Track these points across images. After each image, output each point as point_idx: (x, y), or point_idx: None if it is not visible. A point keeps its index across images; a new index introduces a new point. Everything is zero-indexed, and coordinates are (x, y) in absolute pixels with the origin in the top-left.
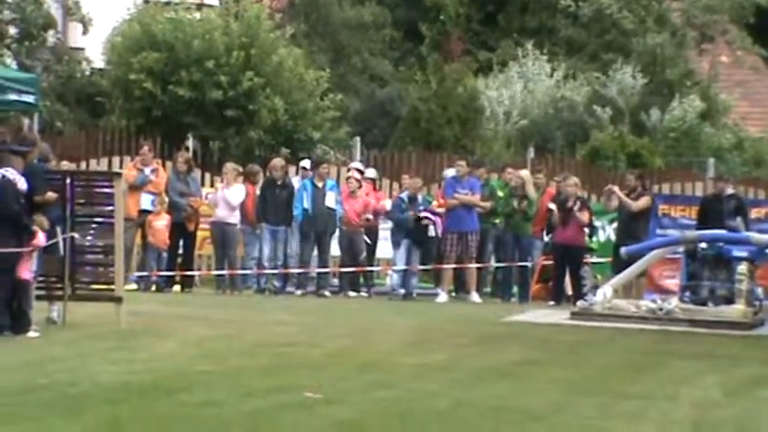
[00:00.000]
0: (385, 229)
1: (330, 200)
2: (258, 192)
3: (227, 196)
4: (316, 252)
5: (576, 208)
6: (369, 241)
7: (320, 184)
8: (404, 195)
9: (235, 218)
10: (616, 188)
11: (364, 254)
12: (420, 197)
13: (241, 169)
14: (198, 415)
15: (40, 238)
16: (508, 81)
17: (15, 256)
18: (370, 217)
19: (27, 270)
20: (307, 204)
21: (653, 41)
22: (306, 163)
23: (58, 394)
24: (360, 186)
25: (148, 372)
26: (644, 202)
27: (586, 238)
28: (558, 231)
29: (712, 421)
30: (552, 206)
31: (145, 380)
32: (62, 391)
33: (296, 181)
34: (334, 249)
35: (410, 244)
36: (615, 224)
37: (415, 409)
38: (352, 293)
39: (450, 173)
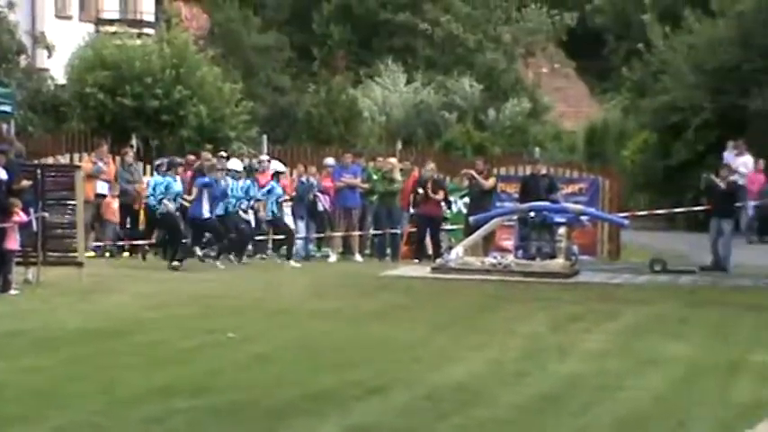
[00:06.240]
0: (287, 205)
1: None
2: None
3: None
4: None
5: (429, 189)
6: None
7: None
8: (304, 179)
9: None
10: (472, 171)
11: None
12: (315, 181)
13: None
14: (146, 351)
15: (22, 216)
16: (368, 89)
17: (1, 230)
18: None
19: (13, 241)
20: None
21: (490, 57)
22: (223, 154)
23: (34, 338)
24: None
25: (105, 319)
26: (492, 181)
27: (443, 210)
28: (421, 205)
29: (539, 348)
30: (420, 190)
31: (102, 326)
32: (37, 335)
33: None
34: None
35: (308, 218)
36: (464, 199)
37: (314, 344)
38: (264, 256)
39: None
